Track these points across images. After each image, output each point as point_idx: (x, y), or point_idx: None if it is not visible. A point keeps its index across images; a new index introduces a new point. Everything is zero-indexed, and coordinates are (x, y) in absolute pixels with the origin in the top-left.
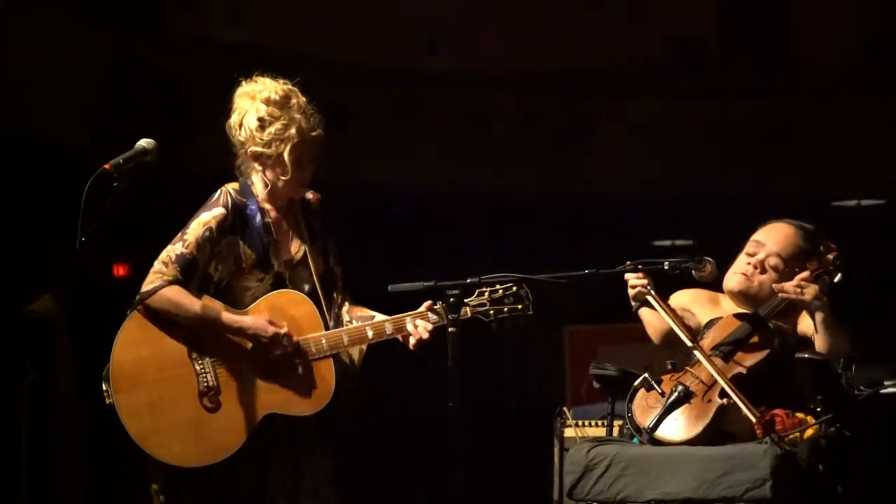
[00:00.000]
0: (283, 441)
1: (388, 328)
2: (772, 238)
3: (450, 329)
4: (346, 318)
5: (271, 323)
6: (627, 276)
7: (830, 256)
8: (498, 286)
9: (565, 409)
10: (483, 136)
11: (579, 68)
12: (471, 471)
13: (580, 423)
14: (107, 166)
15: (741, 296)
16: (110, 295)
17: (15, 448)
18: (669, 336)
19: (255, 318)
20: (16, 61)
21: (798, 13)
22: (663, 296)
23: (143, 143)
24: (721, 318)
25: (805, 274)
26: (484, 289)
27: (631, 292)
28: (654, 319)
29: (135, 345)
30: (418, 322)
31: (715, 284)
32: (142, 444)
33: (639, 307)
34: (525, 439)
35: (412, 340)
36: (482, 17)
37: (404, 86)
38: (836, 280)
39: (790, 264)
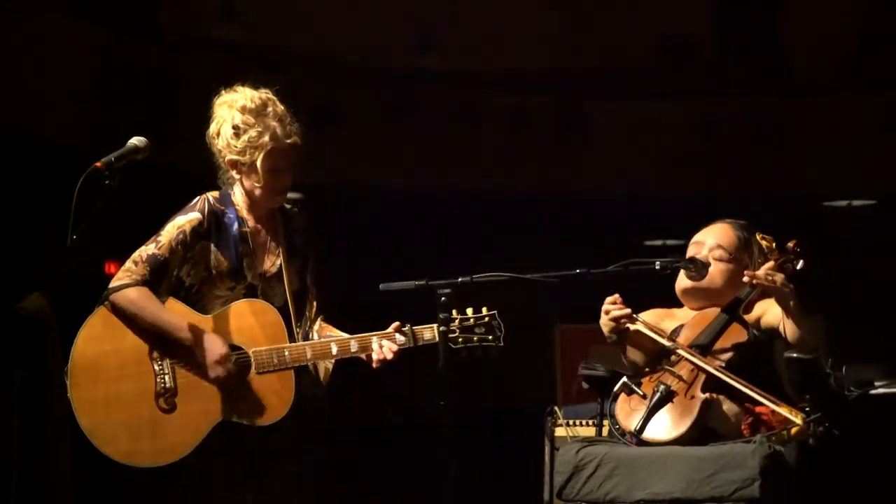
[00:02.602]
0: (244, 448)
1: (353, 346)
2: (709, 234)
3: (440, 329)
4: (315, 336)
5: (224, 347)
6: (607, 307)
7: (791, 244)
8: (470, 313)
9: (556, 408)
10: (474, 136)
11: (571, 68)
12: (461, 470)
13: (571, 422)
14: (98, 164)
15: (695, 291)
16: (101, 293)
17: (5, 445)
18: (653, 356)
19: (213, 339)
20: (9, 60)
21: (790, 13)
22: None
23: (135, 141)
24: (684, 324)
25: (770, 264)
26: (454, 315)
27: (610, 325)
28: (636, 346)
29: (97, 340)
30: (384, 342)
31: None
32: (92, 439)
33: (617, 340)
34: (515, 438)
35: (375, 359)
36: (474, 17)
37: (396, 85)
38: (798, 267)
39: (733, 253)
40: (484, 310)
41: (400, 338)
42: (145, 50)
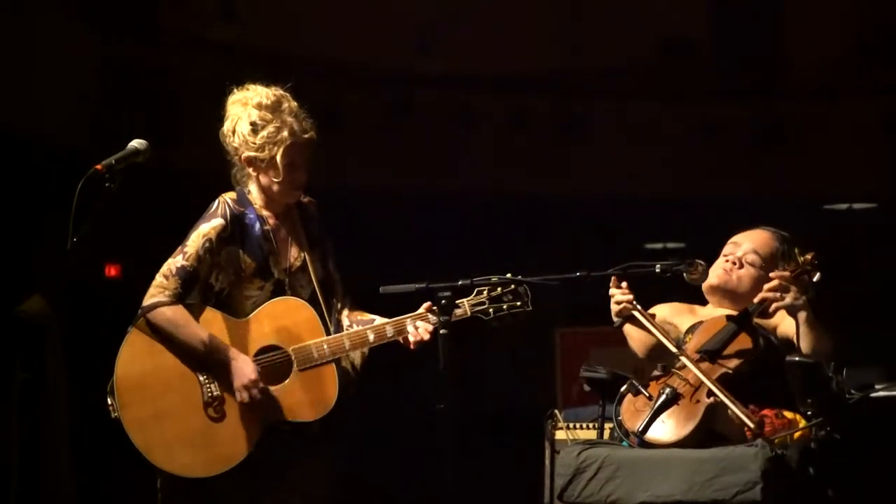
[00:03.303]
0: (282, 448)
1: (389, 331)
2: (748, 238)
3: (441, 331)
4: (346, 322)
5: (254, 372)
6: (612, 292)
7: (809, 256)
8: (492, 283)
9: (556, 411)
10: (474, 138)
11: (571, 69)
12: (461, 473)
13: (571, 425)
14: (98, 167)
15: (720, 291)
16: (101, 295)
17: (5, 447)
18: (654, 349)
19: (245, 362)
20: (9, 61)
21: (790, 15)
22: (644, 307)
23: (135, 143)
24: (703, 321)
25: (785, 274)
26: (482, 288)
27: (615, 308)
28: (638, 334)
29: (138, 358)
30: (419, 323)
31: (697, 292)
32: (149, 457)
33: (621, 324)
34: (516, 441)
35: (413, 341)
36: (473, 19)
37: (395, 87)
38: (815, 279)
39: (767, 262)
40: (509, 275)
41: (433, 317)
42: (145, 51)
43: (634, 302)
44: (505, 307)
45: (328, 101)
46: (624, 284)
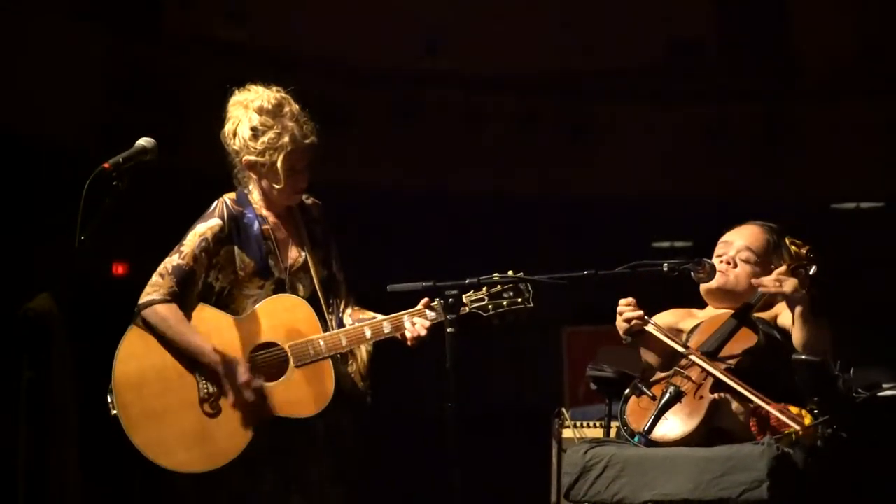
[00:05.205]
0: (293, 443)
1: (387, 327)
2: (738, 235)
3: (448, 330)
4: (348, 321)
5: (245, 376)
6: (621, 308)
7: (804, 250)
8: (497, 278)
9: (563, 409)
10: (481, 138)
11: (578, 70)
12: (468, 472)
13: (578, 424)
14: (106, 165)
15: (720, 292)
16: (108, 293)
17: (12, 445)
18: (665, 358)
19: (233, 365)
20: (15, 62)
21: (795, 16)
22: (648, 307)
23: (143, 142)
24: (700, 323)
25: (782, 269)
26: (483, 284)
27: (624, 326)
28: (652, 348)
29: (136, 357)
30: (416, 320)
31: (693, 296)
32: (147, 454)
33: (631, 341)
34: (523, 440)
35: (409, 337)
36: (481, 19)
37: (403, 87)
38: (811, 272)
39: (761, 256)
40: (510, 273)
41: (430, 313)
42: (151, 52)
43: (647, 317)
44: (505, 303)
45: (335, 101)
46: (632, 300)
